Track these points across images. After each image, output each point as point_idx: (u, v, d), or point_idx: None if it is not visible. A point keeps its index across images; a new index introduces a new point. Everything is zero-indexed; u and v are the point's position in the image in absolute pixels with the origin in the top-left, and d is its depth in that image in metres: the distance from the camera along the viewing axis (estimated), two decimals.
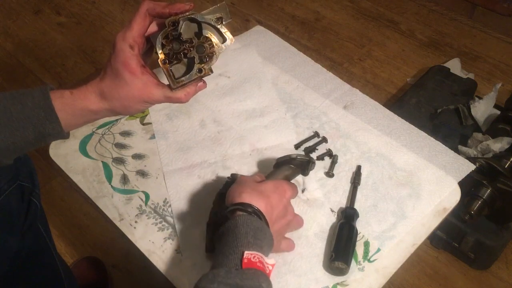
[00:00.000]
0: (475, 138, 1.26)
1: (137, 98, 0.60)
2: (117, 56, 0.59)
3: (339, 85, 1.03)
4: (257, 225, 0.59)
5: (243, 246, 0.55)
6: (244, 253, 0.53)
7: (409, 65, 1.81)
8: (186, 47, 0.60)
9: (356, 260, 0.75)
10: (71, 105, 0.59)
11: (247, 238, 0.56)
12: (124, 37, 0.59)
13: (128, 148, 0.92)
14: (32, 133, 0.58)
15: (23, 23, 2.03)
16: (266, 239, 0.58)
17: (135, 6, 2.06)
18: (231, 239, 0.56)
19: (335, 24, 1.98)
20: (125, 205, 0.83)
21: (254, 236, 0.56)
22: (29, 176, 0.78)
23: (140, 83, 0.59)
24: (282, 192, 0.68)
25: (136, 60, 0.59)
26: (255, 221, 0.59)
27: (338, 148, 0.90)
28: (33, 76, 1.82)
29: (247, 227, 0.57)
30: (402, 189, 0.84)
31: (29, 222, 0.77)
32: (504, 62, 1.81)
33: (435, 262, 1.27)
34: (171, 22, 0.59)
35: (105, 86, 0.60)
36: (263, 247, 0.57)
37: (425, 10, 2.04)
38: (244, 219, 0.58)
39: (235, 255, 0.54)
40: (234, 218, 0.58)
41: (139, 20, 0.60)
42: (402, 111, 1.39)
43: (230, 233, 0.57)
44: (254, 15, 2.04)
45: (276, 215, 0.65)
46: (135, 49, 0.59)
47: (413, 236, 0.78)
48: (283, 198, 0.67)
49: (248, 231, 0.57)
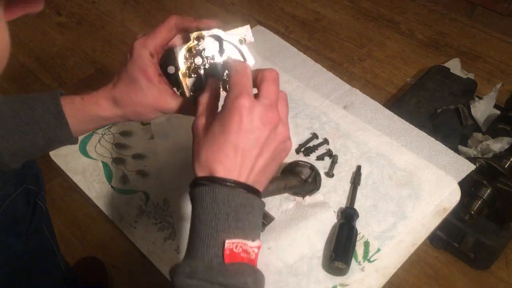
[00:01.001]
0: (475, 138, 1.26)
1: (151, 106, 0.59)
2: (135, 62, 0.58)
3: (339, 85, 1.03)
4: (240, 201, 0.48)
5: (224, 231, 0.47)
6: (226, 242, 0.46)
7: (409, 65, 1.81)
8: (207, 63, 0.60)
9: (356, 260, 0.75)
10: (82, 111, 0.59)
11: (228, 221, 0.47)
12: (145, 44, 0.58)
13: (128, 148, 0.92)
14: (41, 138, 0.57)
15: (23, 23, 2.03)
16: (251, 215, 0.49)
17: (135, 6, 2.06)
18: (209, 219, 0.47)
19: (335, 24, 1.99)
20: (125, 205, 0.83)
21: (235, 218, 0.48)
22: (35, 179, 0.78)
23: (156, 91, 0.58)
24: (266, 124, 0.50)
25: (154, 68, 0.58)
26: (237, 195, 0.48)
27: (338, 148, 0.90)
28: (33, 76, 1.82)
29: (228, 206, 0.48)
30: (402, 189, 0.84)
31: (34, 225, 0.77)
32: (504, 62, 1.81)
33: (435, 262, 1.27)
34: (196, 37, 0.59)
35: (118, 92, 0.59)
36: (245, 229, 0.48)
37: (425, 10, 2.04)
38: (225, 194, 0.48)
39: (215, 243, 0.46)
40: (213, 192, 0.48)
41: (164, 31, 0.59)
42: (402, 111, 1.39)
43: (208, 210, 0.48)
44: (254, 15, 2.04)
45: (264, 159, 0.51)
46: (154, 57, 0.59)
47: (413, 236, 0.78)
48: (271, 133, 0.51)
49: (229, 211, 0.48)
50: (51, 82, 1.79)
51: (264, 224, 0.76)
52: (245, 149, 0.48)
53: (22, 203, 0.75)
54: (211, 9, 2.07)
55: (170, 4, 2.08)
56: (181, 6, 2.07)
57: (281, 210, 0.81)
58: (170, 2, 2.09)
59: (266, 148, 0.50)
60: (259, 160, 0.50)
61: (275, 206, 0.81)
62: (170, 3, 2.08)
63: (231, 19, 2.01)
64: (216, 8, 2.08)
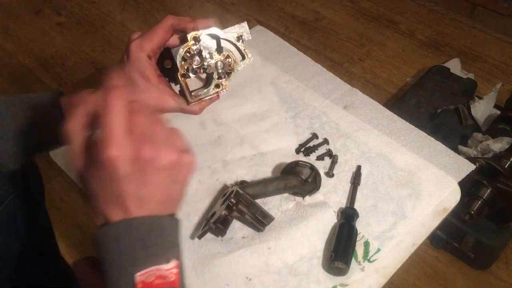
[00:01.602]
0: (475, 138, 1.26)
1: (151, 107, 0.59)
2: (133, 64, 0.57)
3: (339, 85, 1.03)
4: (145, 228, 0.45)
5: (132, 265, 0.43)
6: (136, 277, 0.42)
7: (409, 65, 1.81)
8: (206, 62, 0.61)
9: (356, 260, 0.75)
10: None
11: (135, 253, 0.44)
12: (142, 47, 0.58)
13: None
14: (40, 139, 0.58)
15: (23, 23, 2.03)
16: (162, 237, 0.46)
17: (135, 6, 2.06)
18: (115, 258, 0.44)
19: (335, 24, 1.99)
20: None
21: (143, 246, 0.44)
22: (35, 179, 0.78)
23: (156, 92, 0.58)
24: (144, 163, 0.44)
25: (153, 69, 0.58)
26: (141, 222, 0.45)
27: (338, 148, 0.90)
28: (33, 76, 1.82)
29: (131, 237, 0.44)
30: (402, 189, 0.84)
31: (34, 226, 0.77)
32: (504, 62, 1.81)
33: (435, 262, 1.27)
34: (193, 37, 0.59)
35: None
36: (157, 254, 0.45)
37: (425, 10, 2.04)
38: (126, 226, 0.44)
39: (127, 281, 0.43)
40: (113, 228, 0.44)
41: (161, 32, 0.59)
42: (402, 111, 1.39)
43: (112, 249, 0.44)
44: (254, 15, 2.04)
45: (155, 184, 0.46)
46: (152, 59, 0.59)
47: (413, 236, 0.78)
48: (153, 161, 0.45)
49: (134, 242, 0.44)
50: (51, 82, 1.79)
51: (264, 224, 0.76)
52: (133, 194, 0.44)
53: (22, 203, 0.75)
54: (210, 9, 2.07)
55: (170, 3, 2.08)
56: (181, 6, 2.08)
57: (281, 210, 0.81)
58: (170, 1, 2.09)
59: (157, 182, 0.45)
60: (155, 194, 0.46)
61: (275, 206, 0.81)
62: (170, 3, 2.08)
63: (231, 19, 2.01)
64: (216, 8, 2.08)
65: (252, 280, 0.72)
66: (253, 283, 0.72)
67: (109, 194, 0.44)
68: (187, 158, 0.48)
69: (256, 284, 0.72)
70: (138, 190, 0.44)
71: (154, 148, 0.44)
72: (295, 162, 0.81)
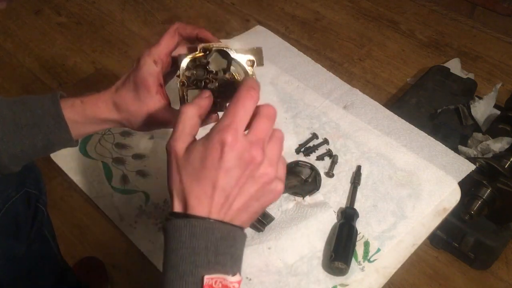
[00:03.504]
0: (475, 138, 1.26)
1: (143, 117, 0.59)
2: (139, 70, 0.57)
3: (339, 85, 1.03)
4: (220, 235, 0.46)
5: (203, 266, 0.44)
6: (204, 278, 0.44)
7: (409, 65, 1.81)
8: (209, 77, 0.58)
9: (356, 260, 0.75)
10: (81, 114, 0.58)
11: (207, 256, 0.45)
12: (150, 53, 0.58)
13: (128, 148, 0.92)
14: (41, 141, 0.57)
15: (23, 23, 2.03)
16: (233, 249, 0.47)
17: (135, 6, 2.06)
18: (187, 254, 0.45)
19: (335, 24, 1.99)
20: (125, 205, 0.83)
21: (215, 252, 0.45)
22: (36, 182, 0.78)
23: (151, 102, 0.58)
24: (247, 163, 0.46)
25: (156, 77, 0.58)
26: (217, 228, 0.46)
27: (338, 148, 0.90)
28: (33, 76, 1.82)
29: (207, 240, 0.45)
30: (402, 189, 0.84)
31: (35, 228, 0.77)
32: (504, 62, 1.81)
33: (435, 262, 1.27)
34: (203, 48, 0.57)
35: (119, 97, 0.59)
36: (226, 264, 0.46)
37: (425, 10, 2.04)
38: (203, 228, 0.45)
39: (194, 280, 0.44)
40: (192, 225, 0.45)
41: (167, 37, 0.59)
42: (402, 111, 1.39)
43: (186, 244, 0.45)
44: (254, 15, 2.04)
45: (239, 197, 0.47)
46: (158, 65, 0.58)
47: (413, 236, 0.78)
48: (247, 170, 0.46)
49: (209, 245, 0.45)
50: (51, 82, 1.79)
51: (264, 224, 0.76)
52: (223, 187, 0.45)
53: (23, 206, 0.74)
54: (211, 9, 2.07)
55: (170, 3, 2.08)
56: (181, 6, 2.07)
57: (281, 210, 0.81)
58: (170, 1, 2.09)
59: (246, 189, 0.46)
60: (239, 199, 0.46)
61: (275, 206, 0.81)
62: (170, 3, 2.08)
63: (231, 19, 2.01)
64: (216, 8, 2.08)
65: (252, 280, 0.72)
66: (253, 283, 0.72)
67: (202, 178, 0.45)
68: (280, 186, 0.48)
69: (256, 284, 0.72)
70: (228, 187, 0.45)
71: (262, 155, 0.45)
72: (295, 162, 0.81)
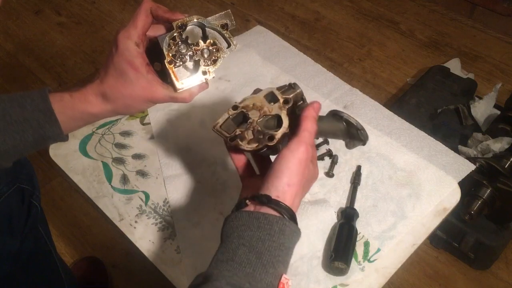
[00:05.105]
0: (475, 138, 1.26)
1: (141, 97, 0.59)
2: (122, 54, 0.58)
3: (339, 85, 1.03)
4: (296, 240, 0.53)
5: (283, 263, 0.50)
6: (283, 277, 0.48)
7: (409, 65, 1.81)
8: (192, 50, 0.62)
9: (356, 260, 0.75)
10: (71, 108, 0.58)
11: (288, 255, 0.51)
12: (129, 35, 0.58)
13: (128, 148, 0.92)
14: (31, 136, 0.57)
15: (23, 23, 2.03)
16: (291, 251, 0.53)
17: (135, 6, 2.06)
18: (274, 247, 0.49)
19: (335, 24, 1.98)
20: (125, 205, 0.83)
21: (289, 254, 0.52)
22: (29, 179, 0.78)
23: (145, 82, 0.58)
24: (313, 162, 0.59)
25: (142, 58, 0.58)
26: (297, 234, 0.53)
27: (338, 148, 0.90)
28: (33, 76, 1.82)
29: (290, 242, 0.51)
30: (402, 189, 0.84)
31: (29, 225, 0.77)
32: (504, 62, 1.81)
33: (435, 262, 1.27)
34: (179, 25, 0.61)
35: (107, 86, 0.58)
36: (286, 263, 0.52)
37: (425, 10, 2.04)
38: (292, 230, 0.52)
39: (274, 272, 0.48)
40: (284, 224, 0.51)
41: (142, 17, 0.60)
42: (402, 111, 1.39)
43: (275, 238, 0.50)
44: (254, 15, 2.04)
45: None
46: (140, 46, 0.59)
47: (413, 236, 0.78)
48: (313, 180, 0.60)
49: (290, 246, 0.51)
50: (51, 82, 1.79)
51: None
52: (304, 186, 0.56)
53: (16, 202, 0.74)
54: (210, 9, 2.07)
55: (170, 3, 2.08)
56: (181, 6, 2.08)
57: None
58: (170, 1, 2.09)
59: (307, 184, 0.58)
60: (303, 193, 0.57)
61: None
62: (170, 3, 2.08)
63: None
64: (216, 8, 2.08)
65: None
66: None
67: (300, 180, 0.54)
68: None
69: None
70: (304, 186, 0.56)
71: (315, 160, 0.59)
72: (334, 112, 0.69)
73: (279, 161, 0.55)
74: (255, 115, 0.62)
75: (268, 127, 0.61)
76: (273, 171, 0.55)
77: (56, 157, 0.91)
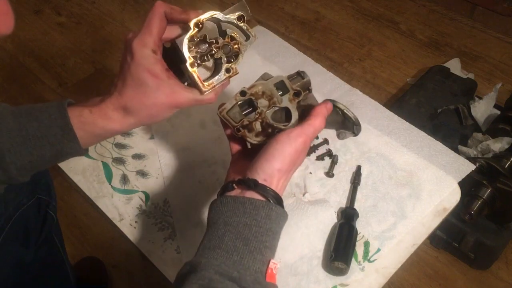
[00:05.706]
0: (475, 138, 1.26)
1: (165, 105, 0.56)
2: (139, 63, 0.54)
3: (339, 85, 1.02)
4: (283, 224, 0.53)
5: (270, 249, 0.49)
6: (270, 262, 0.48)
7: (409, 65, 1.81)
8: (212, 48, 0.58)
9: (356, 260, 0.75)
10: (91, 125, 0.55)
11: (275, 240, 0.51)
12: (145, 43, 0.54)
13: (128, 148, 0.92)
14: (49, 151, 0.54)
15: (23, 23, 2.03)
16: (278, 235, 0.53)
17: (135, 6, 2.06)
18: (260, 233, 0.49)
19: (335, 24, 1.98)
20: (125, 205, 0.83)
21: (277, 238, 0.51)
22: (47, 188, 0.77)
23: (167, 88, 0.55)
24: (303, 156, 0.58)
25: (161, 64, 0.55)
26: (284, 218, 0.53)
27: (338, 148, 0.90)
28: (33, 76, 1.82)
29: (277, 226, 0.51)
30: (402, 189, 0.84)
31: (44, 235, 0.77)
32: (504, 62, 1.81)
33: (435, 262, 1.27)
34: (196, 24, 0.57)
35: (127, 98, 0.55)
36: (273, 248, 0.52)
37: (425, 10, 2.04)
38: (279, 214, 0.51)
39: (261, 259, 0.48)
40: (270, 209, 0.51)
41: (157, 22, 0.56)
42: (402, 111, 1.39)
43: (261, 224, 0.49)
44: (254, 15, 2.04)
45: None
46: (157, 53, 0.55)
47: (413, 236, 0.78)
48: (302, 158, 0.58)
49: (277, 231, 0.51)
50: (51, 82, 1.79)
51: None
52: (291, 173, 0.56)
53: (34, 213, 0.74)
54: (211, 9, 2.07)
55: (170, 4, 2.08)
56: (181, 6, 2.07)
57: None
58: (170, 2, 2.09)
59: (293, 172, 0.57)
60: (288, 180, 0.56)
61: None
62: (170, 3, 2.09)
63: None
64: (216, 8, 2.07)
65: None
66: None
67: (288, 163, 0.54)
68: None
69: None
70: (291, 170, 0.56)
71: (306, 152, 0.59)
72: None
73: (274, 145, 0.54)
74: (263, 105, 0.59)
75: (275, 119, 0.59)
76: (264, 154, 0.54)
77: None
